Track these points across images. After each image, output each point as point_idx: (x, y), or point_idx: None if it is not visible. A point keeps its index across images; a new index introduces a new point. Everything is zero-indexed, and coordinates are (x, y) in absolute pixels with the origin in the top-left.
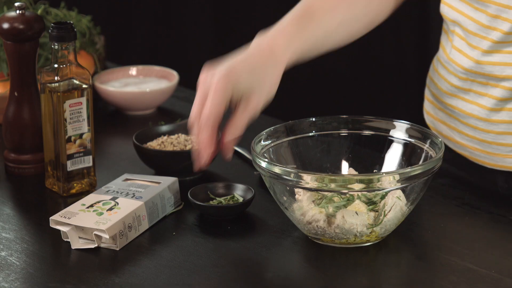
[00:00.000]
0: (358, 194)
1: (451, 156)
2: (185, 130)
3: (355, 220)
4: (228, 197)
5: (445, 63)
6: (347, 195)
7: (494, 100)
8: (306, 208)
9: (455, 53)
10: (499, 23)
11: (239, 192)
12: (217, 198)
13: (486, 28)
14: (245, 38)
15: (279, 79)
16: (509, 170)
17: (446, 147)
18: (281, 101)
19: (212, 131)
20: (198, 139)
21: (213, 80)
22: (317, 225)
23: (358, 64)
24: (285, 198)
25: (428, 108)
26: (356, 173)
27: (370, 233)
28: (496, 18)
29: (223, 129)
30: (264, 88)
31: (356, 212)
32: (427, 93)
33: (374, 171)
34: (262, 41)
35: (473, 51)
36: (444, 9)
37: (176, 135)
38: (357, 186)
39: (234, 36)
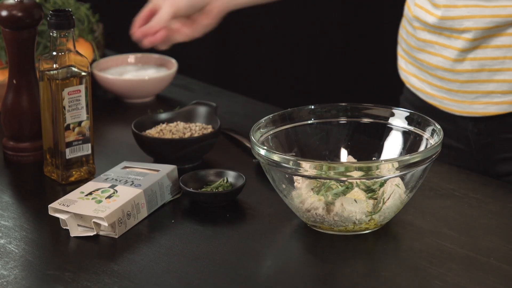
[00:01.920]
0: (357, 182)
1: (425, 107)
2: (184, 118)
3: (354, 208)
4: (217, 183)
5: (410, 20)
6: (346, 182)
7: (456, 51)
8: (305, 195)
9: (419, 10)
10: None
11: (230, 179)
12: (209, 185)
13: None
14: (244, 25)
15: None
16: (476, 116)
17: (419, 98)
18: (280, 89)
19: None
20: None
21: None
22: (316, 213)
23: (356, 52)
24: (284, 185)
25: (401, 64)
26: (355, 160)
27: (369, 220)
28: None
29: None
30: None
31: (355, 200)
32: (399, 50)
33: (373, 158)
34: None
35: (436, 10)
36: None
37: (175, 123)
38: (356, 174)
39: (233, 23)
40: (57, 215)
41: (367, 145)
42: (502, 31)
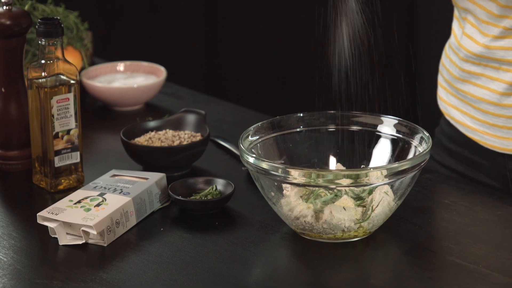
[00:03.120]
0: (345, 190)
1: (463, 141)
2: (173, 126)
3: (343, 216)
4: (206, 191)
5: (456, 49)
6: (335, 190)
7: (505, 85)
8: (294, 203)
9: (466, 39)
10: (509, 12)
11: (219, 186)
12: (198, 193)
13: (497, 17)
14: (233, 33)
15: None
16: None
17: (458, 131)
18: (269, 97)
19: None
20: None
21: None
22: (304, 221)
23: None
24: (272, 193)
25: (442, 94)
26: (343, 168)
27: (357, 228)
28: (506, 8)
29: None
30: None
31: (343, 208)
32: (440, 79)
33: (362, 166)
34: None
35: (483, 38)
36: None
37: (163, 131)
38: (345, 182)
39: (222, 31)
40: (45, 223)
41: (356, 152)
42: None
